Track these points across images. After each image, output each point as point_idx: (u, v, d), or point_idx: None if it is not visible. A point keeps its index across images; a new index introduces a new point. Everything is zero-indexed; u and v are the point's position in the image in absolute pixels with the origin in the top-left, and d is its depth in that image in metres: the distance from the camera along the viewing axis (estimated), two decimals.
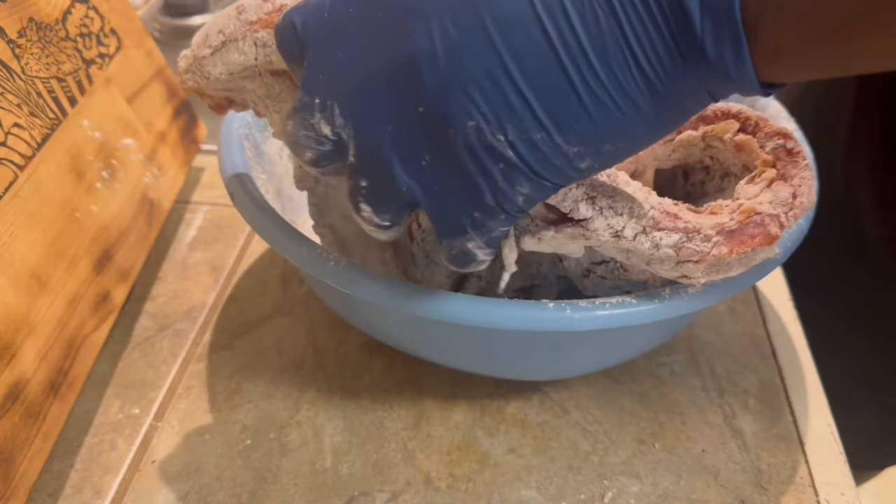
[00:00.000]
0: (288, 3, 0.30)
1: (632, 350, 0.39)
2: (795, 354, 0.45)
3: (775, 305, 0.49)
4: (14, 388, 0.34)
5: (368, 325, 0.39)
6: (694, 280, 0.31)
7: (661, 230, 0.30)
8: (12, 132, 0.37)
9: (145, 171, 0.49)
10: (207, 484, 0.37)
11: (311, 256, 0.33)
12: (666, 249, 0.30)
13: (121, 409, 0.41)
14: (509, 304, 0.31)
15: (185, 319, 0.47)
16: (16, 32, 0.40)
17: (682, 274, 0.31)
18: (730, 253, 0.30)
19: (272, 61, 0.30)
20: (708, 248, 0.30)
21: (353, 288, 0.32)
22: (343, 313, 0.40)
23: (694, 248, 0.30)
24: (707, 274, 0.31)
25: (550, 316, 0.31)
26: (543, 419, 0.41)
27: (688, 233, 0.30)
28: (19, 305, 0.35)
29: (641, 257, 0.31)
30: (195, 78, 0.33)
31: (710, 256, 0.30)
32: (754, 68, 0.23)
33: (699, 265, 0.30)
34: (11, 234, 0.36)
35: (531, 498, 0.37)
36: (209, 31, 0.32)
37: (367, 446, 0.39)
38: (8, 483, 0.33)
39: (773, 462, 0.39)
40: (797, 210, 0.31)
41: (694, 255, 0.30)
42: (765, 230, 0.30)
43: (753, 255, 0.31)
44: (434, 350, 0.39)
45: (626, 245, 0.30)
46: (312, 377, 0.43)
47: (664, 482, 0.38)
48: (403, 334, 0.38)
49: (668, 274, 0.31)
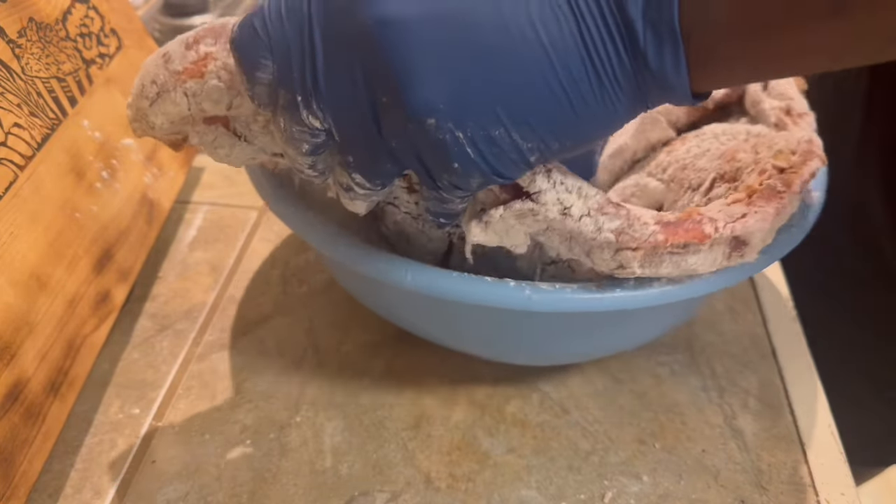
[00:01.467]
0: (212, 52, 0.30)
1: (620, 339, 0.40)
2: (795, 354, 0.45)
3: (775, 305, 0.49)
4: (14, 388, 0.34)
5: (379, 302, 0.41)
6: (629, 271, 0.32)
7: (605, 214, 0.31)
8: (12, 132, 0.37)
9: (145, 171, 0.49)
10: (207, 484, 0.37)
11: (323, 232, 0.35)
12: (607, 234, 0.31)
13: (121, 409, 0.41)
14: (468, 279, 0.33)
15: (185, 319, 0.47)
16: (16, 32, 0.40)
17: (619, 264, 0.32)
18: (665, 241, 0.31)
19: (203, 109, 0.31)
20: (646, 236, 0.31)
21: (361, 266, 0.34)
22: (361, 295, 0.42)
23: (633, 235, 0.31)
24: (642, 266, 0.32)
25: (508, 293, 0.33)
26: (543, 419, 0.41)
27: (629, 219, 0.31)
28: (19, 305, 0.35)
29: (583, 244, 0.32)
30: (143, 127, 0.34)
31: (647, 244, 0.31)
32: (689, 77, 0.25)
33: (636, 253, 0.31)
34: (11, 234, 0.36)
35: (531, 498, 0.37)
36: (144, 82, 0.32)
37: (367, 446, 0.39)
38: (8, 483, 0.33)
39: (773, 462, 0.39)
40: (737, 225, 0.32)
41: (632, 242, 0.31)
42: (699, 228, 0.31)
43: (686, 254, 0.32)
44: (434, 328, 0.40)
45: (570, 226, 0.31)
46: (312, 377, 0.43)
47: (664, 482, 0.38)
48: (399, 308, 0.40)
49: (606, 265, 0.32)
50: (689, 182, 0.41)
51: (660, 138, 0.45)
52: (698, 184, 0.40)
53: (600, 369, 0.44)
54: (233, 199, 0.57)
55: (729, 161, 0.38)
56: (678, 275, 0.33)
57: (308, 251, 0.52)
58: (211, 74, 0.30)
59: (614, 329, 0.38)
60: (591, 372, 0.44)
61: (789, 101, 0.41)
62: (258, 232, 0.53)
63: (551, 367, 0.44)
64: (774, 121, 0.40)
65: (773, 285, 0.50)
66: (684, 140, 0.43)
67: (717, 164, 0.39)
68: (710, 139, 0.41)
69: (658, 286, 0.33)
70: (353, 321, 0.47)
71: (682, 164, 0.42)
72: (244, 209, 0.56)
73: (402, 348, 0.45)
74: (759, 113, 0.42)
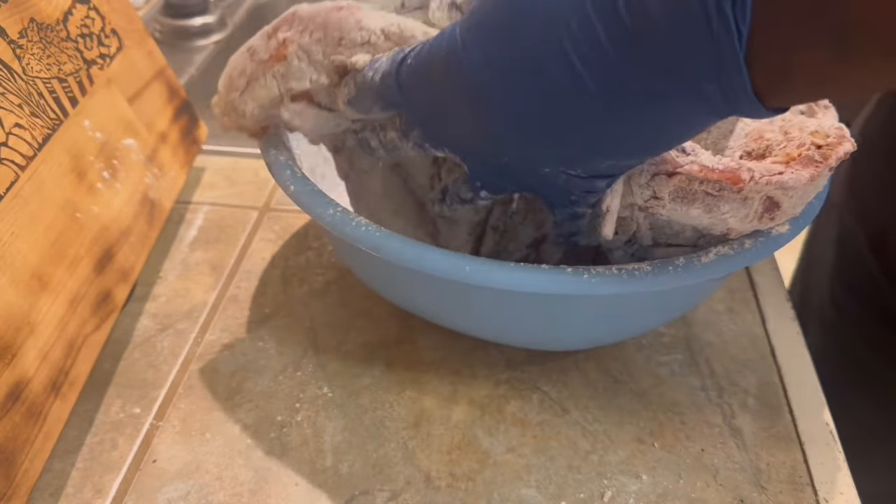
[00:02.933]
0: (288, 36, 0.35)
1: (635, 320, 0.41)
2: (795, 354, 0.45)
3: (775, 305, 0.49)
4: (15, 388, 0.34)
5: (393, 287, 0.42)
6: (660, 204, 0.33)
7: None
8: (13, 132, 0.37)
9: (146, 171, 0.49)
10: (208, 483, 0.38)
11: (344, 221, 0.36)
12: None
13: (122, 409, 0.41)
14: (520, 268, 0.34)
15: (185, 319, 0.47)
16: (17, 33, 0.40)
17: (652, 192, 0.32)
18: (699, 171, 0.32)
19: (291, 87, 0.36)
20: (682, 163, 0.32)
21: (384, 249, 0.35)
22: (376, 281, 0.42)
23: (671, 158, 0.32)
24: (673, 198, 0.32)
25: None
26: (543, 419, 0.41)
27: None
28: (20, 305, 0.35)
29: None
30: (233, 117, 0.39)
31: (683, 170, 0.32)
32: (757, 95, 0.25)
33: (671, 181, 0.32)
34: (12, 234, 0.36)
35: (531, 497, 0.37)
36: (232, 75, 0.38)
37: (367, 446, 0.40)
38: (9, 482, 0.33)
39: (772, 461, 0.39)
40: (773, 179, 0.33)
41: (668, 165, 0.32)
42: (735, 172, 0.32)
43: (719, 200, 0.33)
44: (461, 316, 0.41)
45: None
46: (312, 377, 0.43)
47: (663, 481, 0.38)
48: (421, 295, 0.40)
49: (641, 194, 0.33)
50: None
51: None
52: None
53: (600, 369, 0.44)
54: (233, 199, 0.57)
55: (756, 140, 0.39)
56: (708, 222, 0.33)
57: (308, 251, 0.52)
58: (292, 56, 0.35)
59: (659, 305, 0.39)
60: (591, 372, 0.44)
61: None
62: (259, 232, 0.54)
63: (551, 367, 0.44)
64: (802, 108, 0.41)
65: (772, 285, 0.50)
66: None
67: (742, 143, 0.39)
68: (732, 120, 0.41)
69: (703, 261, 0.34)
70: (353, 321, 0.47)
71: (704, 145, 0.42)
72: (245, 209, 0.56)
73: (402, 348, 0.45)
74: None
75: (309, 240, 0.53)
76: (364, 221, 0.35)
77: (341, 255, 0.44)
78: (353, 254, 0.40)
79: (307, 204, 0.37)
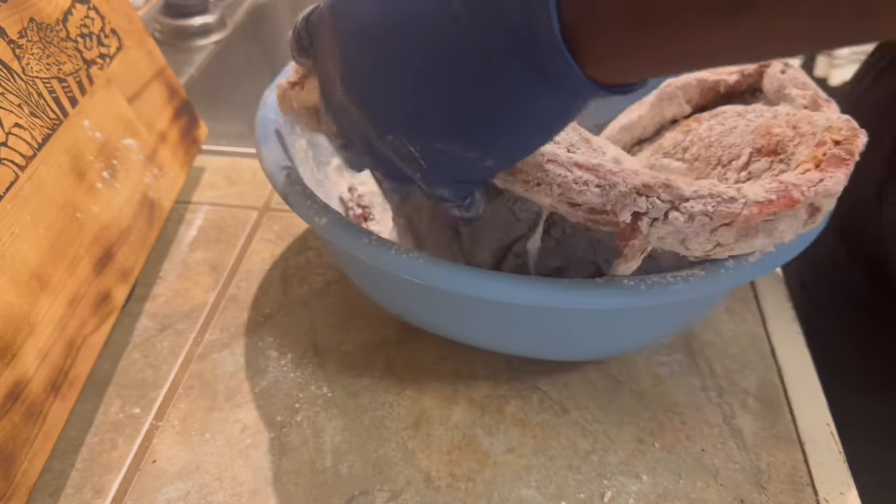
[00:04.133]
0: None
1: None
2: (795, 354, 0.45)
3: (775, 305, 0.49)
4: (15, 388, 0.34)
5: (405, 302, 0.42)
6: (727, 248, 0.33)
7: (689, 200, 0.31)
8: (13, 132, 0.37)
9: (146, 171, 0.49)
10: (208, 483, 0.38)
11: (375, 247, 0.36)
12: (700, 217, 0.31)
13: (121, 409, 0.41)
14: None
15: (185, 319, 0.47)
16: (17, 33, 0.40)
17: (717, 242, 0.32)
18: (759, 212, 0.31)
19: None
20: (738, 209, 0.31)
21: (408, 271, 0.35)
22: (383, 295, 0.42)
23: (726, 210, 0.31)
24: (737, 240, 0.32)
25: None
26: (543, 419, 0.41)
27: (713, 197, 0.31)
28: (20, 305, 0.35)
29: (676, 235, 0.32)
30: (285, 107, 0.40)
31: (742, 217, 0.31)
32: (592, 78, 0.25)
33: (731, 228, 0.32)
34: (12, 234, 0.36)
35: (531, 497, 0.37)
36: (296, 67, 0.39)
37: (367, 446, 0.40)
38: (9, 482, 0.33)
39: (772, 461, 0.39)
40: (819, 188, 0.33)
41: (728, 217, 0.31)
42: (788, 195, 0.32)
43: (777, 222, 0.33)
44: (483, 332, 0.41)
45: (663, 230, 0.32)
46: (312, 377, 0.43)
47: (663, 481, 0.38)
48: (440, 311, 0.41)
49: (703, 247, 0.33)
50: (717, 159, 0.41)
51: (675, 114, 0.46)
52: (730, 159, 0.40)
53: (600, 369, 0.44)
54: (233, 199, 0.57)
55: (764, 136, 0.39)
56: (768, 243, 0.33)
57: (308, 251, 0.52)
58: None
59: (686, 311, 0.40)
60: (591, 372, 0.44)
61: (814, 89, 0.41)
62: (258, 232, 0.54)
63: (551, 367, 0.44)
64: (805, 103, 0.41)
65: (772, 285, 0.50)
66: (699, 120, 0.43)
67: (750, 139, 0.40)
68: (734, 117, 0.42)
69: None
70: (353, 321, 0.47)
71: (707, 143, 0.42)
72: (244, 209, 0.56)
73: (402, 348, 0.45)
74: (785, 97, 0.42)
75: (309, 240, 0.53)
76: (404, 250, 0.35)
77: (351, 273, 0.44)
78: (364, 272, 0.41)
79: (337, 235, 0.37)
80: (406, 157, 0.29)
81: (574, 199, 0.32)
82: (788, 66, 0.43)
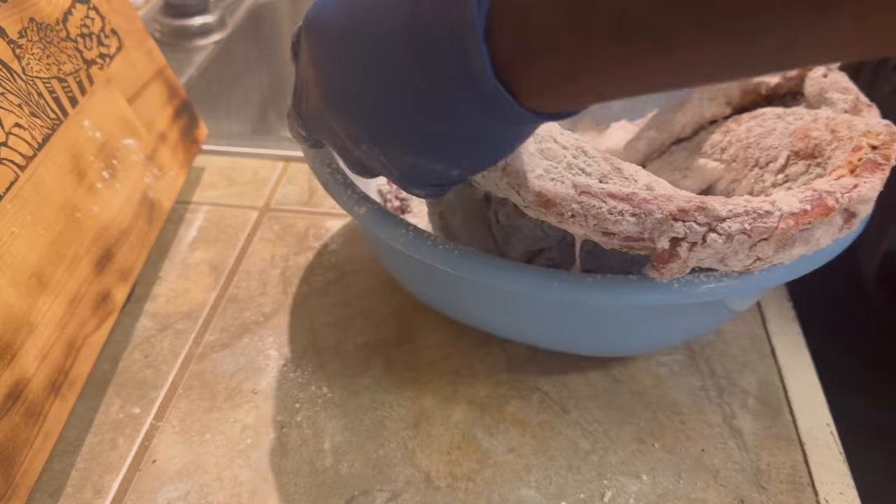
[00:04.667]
0: None
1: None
2: (795, 354, 0.45)
3: (775, 305, 0.49)
4: (15, 388, 0.34)
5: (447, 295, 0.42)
6: (766, 261, 0.33)
7: (725, 220, 0.31)
8: (13, 132, 0.37)
9: (146, 171, 0.49)
10: (208, 483, 0.38)
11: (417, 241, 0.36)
12: (739, 237, 0.31)
13: (121, 409, 0.41)
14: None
15: (185, 319, 0.47)
16: (17, 33, 0.40)
17: (756, 257, 0.32)
18: (796, 225, 0.32)
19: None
20: (775, 223, 0.31)
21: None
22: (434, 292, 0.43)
23: (763, 226, 0.31)
24: (776, 252, 0.33)
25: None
26: (543, 419, 0.41)
27: (749, 214, 0.32)
28: (20, 305, 0.35)
29: (714, 255, 0.32)
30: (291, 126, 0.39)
31: (779, 231, 0.31)
32: (533, 112, 0.25)
33: (770, 242, 0.32)
34: (12, 234, 0.36)
35: (531, 497, 0.37)
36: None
37: (367, 446, 0.39)
38: (9, 482, 0.33)
39: (772, 461, 0.39)
40: (853, 194, 0.33)
41: (765, 233, 0.31)
42: (822, 203, 0.32)
43: (813, 231, 0.33)
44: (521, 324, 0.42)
45: (703, 253, 0.32)
46: (312, 377, 0.43)
47: (664, 481, 0.38)
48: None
49: (742, 263, 0.33)
50: (755, 160, 0.41)
51: (714, 115, 0.46)
52: (767, 161, 0.40)
53: (600, 369, 0.44)
54: (233, 199, 0.57)
55: (802, 139, 0.39)
56: (806, 250, 0.34)
57: (308, 251, 0.52)
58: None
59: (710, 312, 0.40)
60: (591, 372, 0.44)
61: (856, 93, 0.41)
62: (258, 232, 0.54)
63: (551, 368, 0.44)
64: (846, 107, 0.41)
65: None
66: (739, 121, 0.43)
67: (788, 142, 0.40)
68: (773, 119, 0.42)
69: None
70: (353, 321, 0.47)
71: (745, 144, 0.42)
72: (244, 209, 0.56)
73: (402, 348, 0.45)
74: (826, 101, 0.42)
75: (309, 240, 0.53)
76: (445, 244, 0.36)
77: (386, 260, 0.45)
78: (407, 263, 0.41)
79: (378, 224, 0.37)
80: (381, 165, 0.30)
81: (610, 230, 0.32)
82: (831, 70, 0.43)
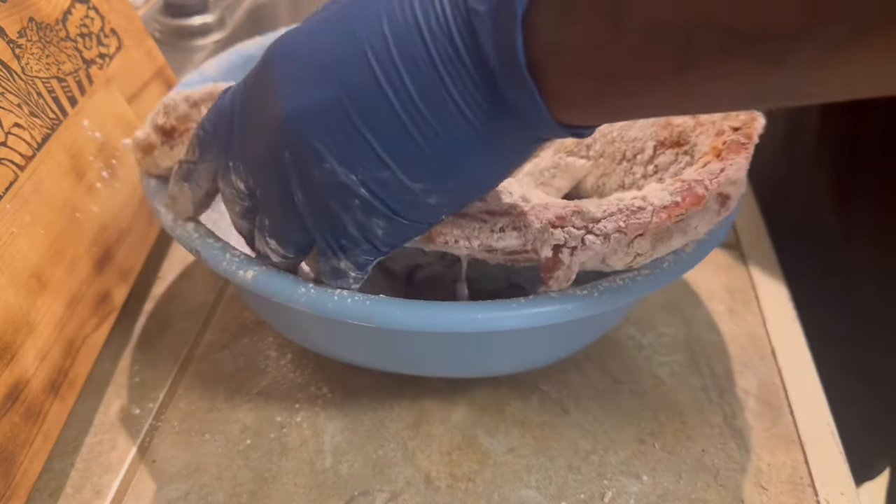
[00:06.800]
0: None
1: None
2: (795, 354, 0.45)
3: (775, 305, 0.49)
4: (14, 388, 0.34)
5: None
6: (646, 256, 0.33)
7: (600, 220, 0.32)
8: (12, 132, 0.37)
9: None
10: (208, 483, 0.38)
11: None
12: (615, 235, 0.32)
13: (121, 409, 0.41)
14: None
15: (185, 319, 0.47)
16: (16, 32, 0.40)
17: (636, 253, 0.33)
18: (668, 217, 0.32)
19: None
20: (648, 218, 0.32)
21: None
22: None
23: (637, 222, 0.32)
24: (654, 246, 0.33)
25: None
26: (543, 419, 0.41)
27: (622, 212, 0.32)
28: (20, 305, 0.35)
29: (595, 257, 0.33)
30: (147, 164, 0.39)
31: (653, 225, 0.32)
32: (552, 113, 0.25)
33: (646, 238, 0.32)
34: (12, 234, 0.36)
35: (531, 497, 0.37)
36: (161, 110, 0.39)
37: (367, 446, 0.39)
38: (8, 483, 0.33)
39: (772, 462, 0.39)
40: (721, 178, 0.34)
41: (640, 229, 0.32)
42: (693, 193, 0.33)
43: (688, 221, 0.33)
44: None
45: (583, 256, 0.32)
46: (312, 377, 0.43)
47: (664, 482, 0.38)
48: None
49: (623, 261, 0.33)
50: (622, 154, 0.42)
51: None
52: (635, 153, 0.41)
53: (600, 369, 0.44)
54: None
55: (665, 127, 0.40)
56: (685, 240, 0.34)
57: None
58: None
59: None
60: (591, 372, 0.44)
61: None
62: None
63: (551, 368, 0.44)
64: None
65: (772, 285, 0.50)
66: None
67: (652, 132, 0.40)
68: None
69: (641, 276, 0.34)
70: None
71: (610, 139, 0.42)
72: None
73: None
74: None
75: None
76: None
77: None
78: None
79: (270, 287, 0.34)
80: (350, 205, 0.28)
81: (493, 246, 0.33)
82: None
